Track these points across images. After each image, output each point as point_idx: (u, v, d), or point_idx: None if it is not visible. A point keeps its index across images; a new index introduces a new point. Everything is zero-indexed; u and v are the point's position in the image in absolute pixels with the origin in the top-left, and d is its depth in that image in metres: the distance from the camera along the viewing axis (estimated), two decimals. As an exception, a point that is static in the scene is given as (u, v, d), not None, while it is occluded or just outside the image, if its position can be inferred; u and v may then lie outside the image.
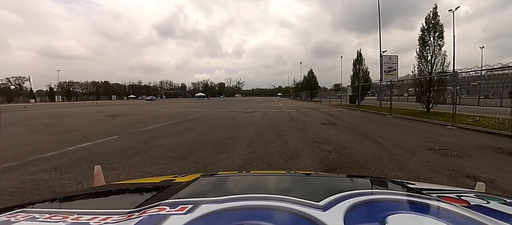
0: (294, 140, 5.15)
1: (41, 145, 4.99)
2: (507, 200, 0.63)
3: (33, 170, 3.30)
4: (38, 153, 4.21)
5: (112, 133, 6.40)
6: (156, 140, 5.35)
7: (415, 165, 3.35)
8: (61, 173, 3.15)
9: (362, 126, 7.53)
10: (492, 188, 2.51)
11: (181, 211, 0.49)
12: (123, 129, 7.32)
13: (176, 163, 3.57)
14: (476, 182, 0.88)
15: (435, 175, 2.94)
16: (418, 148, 4.38)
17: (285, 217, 0.48)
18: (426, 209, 0.54)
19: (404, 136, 5.69)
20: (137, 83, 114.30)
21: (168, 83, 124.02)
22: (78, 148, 4.63)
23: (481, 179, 2.66)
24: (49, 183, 2.78)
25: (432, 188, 0.77)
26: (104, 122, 9.52)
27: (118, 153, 4.15)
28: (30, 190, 2.60)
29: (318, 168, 3.33)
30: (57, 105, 32.88)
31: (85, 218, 0.50)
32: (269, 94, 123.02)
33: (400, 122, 8.74)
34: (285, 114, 12.26)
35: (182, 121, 9.48)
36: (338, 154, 4.00)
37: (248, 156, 3.90)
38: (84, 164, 3.50)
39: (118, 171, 3.19)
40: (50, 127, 8.20)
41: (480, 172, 3.02)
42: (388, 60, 15.87)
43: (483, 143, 4.79)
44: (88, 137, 5.88)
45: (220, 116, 11.33)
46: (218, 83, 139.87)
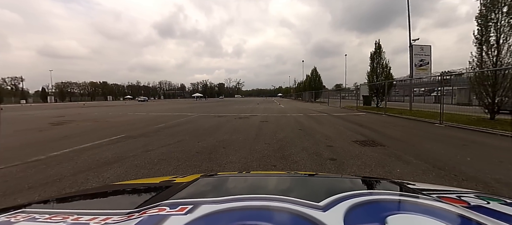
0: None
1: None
2: (507, 201, 0.63)
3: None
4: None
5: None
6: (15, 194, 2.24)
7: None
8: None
9: (423, 147, 4.43)
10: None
11: (181, 212, 0.49)
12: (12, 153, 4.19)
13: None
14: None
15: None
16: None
17: (285, 218, 0.48)
18: (426, 209, 0.53)
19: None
20: (136, 84, 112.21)
21: (167, 83, 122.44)
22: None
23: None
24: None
25: (432, 188, 0.76)
26: (13, 138, 6.42)
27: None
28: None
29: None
30: (37, 107, 30.34)
31: (85, 218, 0.50)
32: (269, 94, 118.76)
33: (469, 136, 5.60)
34: (292, 121, 9.08)
35: (141, 134, 6.33)
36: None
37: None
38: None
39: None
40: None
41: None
42: (419, 51, 12.56)
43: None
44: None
45: (202, 124, 8.20)
46: (217, 83, 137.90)
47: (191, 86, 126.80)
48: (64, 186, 2.68)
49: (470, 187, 2.07)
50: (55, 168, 3.31)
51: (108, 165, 3.45)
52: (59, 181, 2.80)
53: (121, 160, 3.69)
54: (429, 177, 2.84)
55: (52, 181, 2.81)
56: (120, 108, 21.28)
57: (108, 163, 3.56)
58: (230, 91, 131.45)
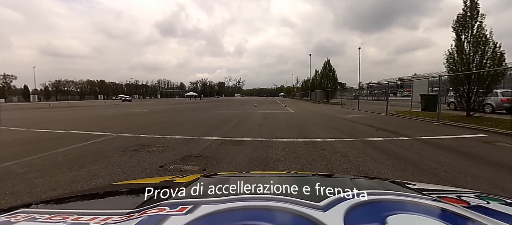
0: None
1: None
2: (507, 201, 0.63)
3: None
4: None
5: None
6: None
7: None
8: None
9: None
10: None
11: (181, 212, 0.49)
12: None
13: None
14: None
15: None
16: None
17: (285, 218, 0.48)
18: (426, 209, 0.53)
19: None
20: (133, 83, 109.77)
21: (166, 82, 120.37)
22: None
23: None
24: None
25: (432, 188, 0.75)
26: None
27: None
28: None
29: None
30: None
31: (85, 218, 0.49)
32: (271, 94, 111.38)
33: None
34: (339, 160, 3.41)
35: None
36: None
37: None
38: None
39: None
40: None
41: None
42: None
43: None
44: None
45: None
46: (217, 82, 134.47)
47: (190, 85, 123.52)
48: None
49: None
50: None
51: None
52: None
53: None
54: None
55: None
56: (73, 112, 16.50)
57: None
58: (231, 90, 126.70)
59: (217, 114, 12.59)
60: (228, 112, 13.50)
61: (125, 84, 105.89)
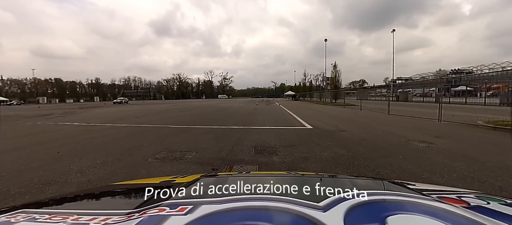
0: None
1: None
2: (507, 201, 0.63)
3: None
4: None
5: None
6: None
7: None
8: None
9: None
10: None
11: (181, 212, 0.49)
12: None
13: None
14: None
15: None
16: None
17: (285, 218, 0.49)
18: (426, 209, 0.53)
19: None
20: (124, 84, 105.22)
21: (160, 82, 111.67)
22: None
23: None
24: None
25: (432, 188, 0.76)
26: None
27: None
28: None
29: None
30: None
31: (85, 218, 0.50)
32: (269, 95, 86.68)
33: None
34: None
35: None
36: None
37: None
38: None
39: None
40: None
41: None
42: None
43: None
44: None
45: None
46: (203, 80, 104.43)
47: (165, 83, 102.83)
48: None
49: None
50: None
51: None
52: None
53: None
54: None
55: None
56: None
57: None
58: (217, 90, 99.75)
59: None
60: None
61: (118, 85, 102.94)
